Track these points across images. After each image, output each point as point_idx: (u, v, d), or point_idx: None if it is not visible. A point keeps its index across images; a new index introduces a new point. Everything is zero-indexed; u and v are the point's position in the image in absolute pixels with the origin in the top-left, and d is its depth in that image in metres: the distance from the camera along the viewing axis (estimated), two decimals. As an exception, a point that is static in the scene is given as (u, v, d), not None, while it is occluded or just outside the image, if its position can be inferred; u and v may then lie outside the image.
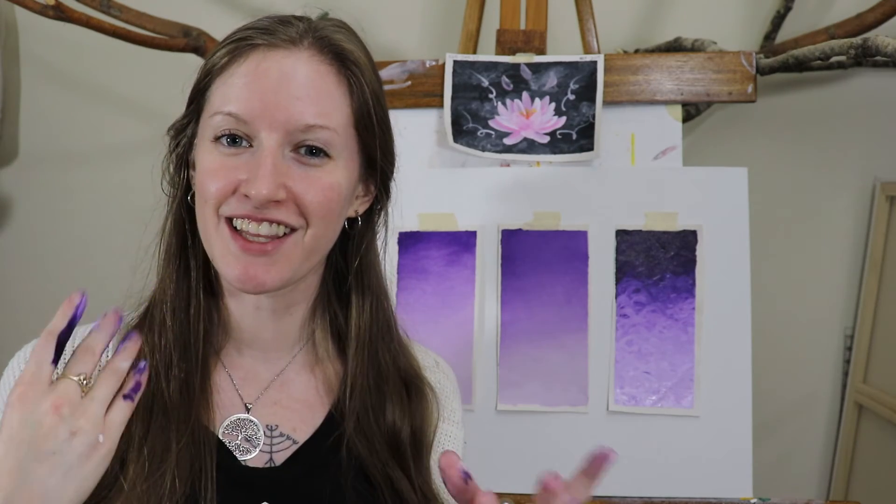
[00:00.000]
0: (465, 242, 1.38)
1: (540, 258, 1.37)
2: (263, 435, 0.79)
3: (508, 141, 1.40)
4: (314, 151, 0.74)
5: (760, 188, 1.55)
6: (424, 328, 1.33)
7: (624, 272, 1.36)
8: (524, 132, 1.40)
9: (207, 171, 0.74)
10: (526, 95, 1.39)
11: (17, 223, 1.89)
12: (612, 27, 1.66)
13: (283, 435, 0.80)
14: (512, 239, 1.38)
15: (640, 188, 1.37)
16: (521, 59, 1.40)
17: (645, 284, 1.36)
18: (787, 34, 1.68)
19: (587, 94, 1.38)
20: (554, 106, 1.39)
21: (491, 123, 1.40)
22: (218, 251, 0.75)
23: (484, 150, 1.39)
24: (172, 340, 0.78)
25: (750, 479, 1.31)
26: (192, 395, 0.76)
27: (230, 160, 0.73)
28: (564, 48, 1.66)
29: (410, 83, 1.41)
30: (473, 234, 1.38)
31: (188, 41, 1.55)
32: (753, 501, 1.29)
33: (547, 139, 1.39)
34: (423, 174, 1.40)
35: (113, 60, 1.78)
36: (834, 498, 1.75)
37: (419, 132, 1.41)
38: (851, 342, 1.76)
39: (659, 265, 1.36)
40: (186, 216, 0.80)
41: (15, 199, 1.88)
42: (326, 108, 0.74)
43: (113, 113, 1.83)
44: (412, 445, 0.82)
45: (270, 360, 0.83)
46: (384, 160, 0.81)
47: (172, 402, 0.75)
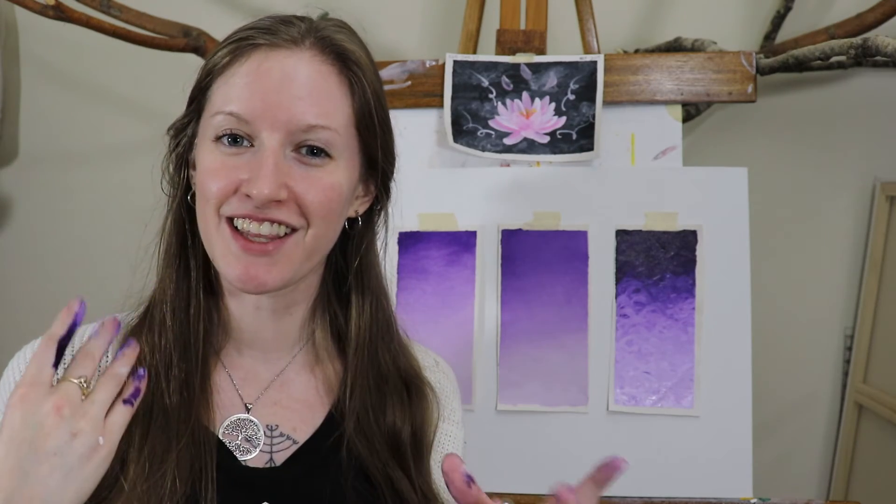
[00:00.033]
0: (465, 242, 1.38)
1: (540, 258, 1.37)
2: (263, 435, 0.79)
3: (508, 141, 1.40)
4: (315, 151, 0.74)
5: (760, 188, 1.55)
6: (424, 328, 1.33)
7: (624, 272, 1.36)
8: (524, 132, 1.40)
9: (208, 170, 0.74)
10: (526, 95, 1.39)
11: (17, 223, 1.89)
12: (612, 27, 1.66)
13: (283, 435, 0.80)
14: (512, 239, 1.38)
15: (640, 188, 1.37)
16: (521, 59, 1.40)
17: (645, 284, 1.36)
18: (787, 34, 1.68)
19: (587, 94, 1.38)
20: (554, 106, 1.39)
21: (491, 123, 1.40)
22: (219, 251, 0.75)
23: (484, 150, 1.39)
24: (172, 340, 0.78)
25: (750, 479, 1.30)
26: (192, 395, 0.76)
27: (231, 160, 0.73)
28: (564, 48, 1.66)
29: (410, 83, 1.41)
30: (473, 234, 1.38)
31: (188, 41, 1.55)
32: (753, 501, 1.29)
33: (547, 139, 1.39)
34: (423, 174, 1.40)
35: (113, 60, 1.78)
36: (834, 498, 1.75)
37: (419, 132, 1.41)
38: (851, 342, 1.76)
39: (659, 265, 1.36)
40: (186, 216, 0.80)
41: (15, 199, 1.88)
42: (328, 108, 0.74)
43: (113, 113, 1.83)
44: (412, 445, 0.82)
45: (270, 360, 0.83)
46: (385, 160, 0.81)
47: (172, 402, 0.75)
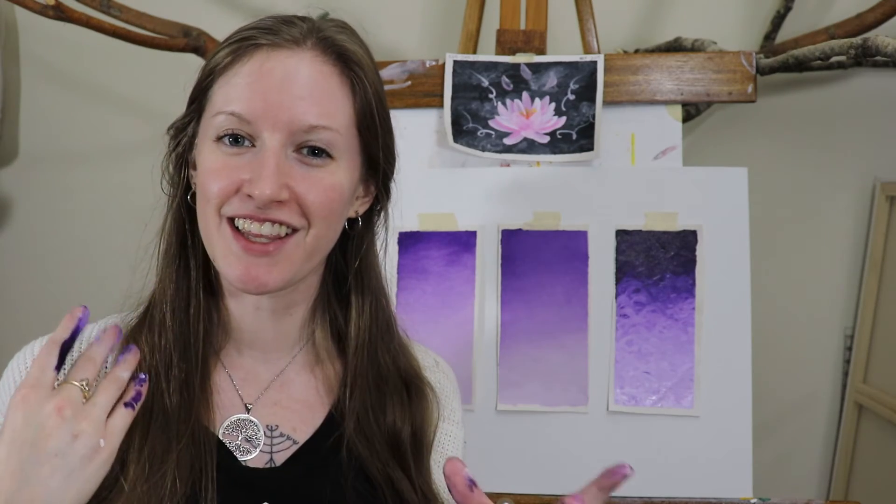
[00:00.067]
0: (465, 242, 1.38)
1: (540, 258, 1.37)
2: (264, 435, 0.79)
3: (508, 141, 1.40)
4: (316, 152, 0.74)
5: (760, 188, 1.55)
6: (424, 328, 1.33)
7: (624, 272, 1.36)
8: (524, 132, 1.39)
9: (210, 170, 0.74)
10: (526, 95, 1.39)
11: (17, 223, 1.89)
12: (612, 27, 1.66)
13: (283, 435, 0.80)
14: (512, 239, 1.38)
15: (640, 188, 1.37)
16: (521, 59, 1.40)
17: (645, 284, 1.36)
18: (787, 34, 1.68)
19: (587, 94, 1.38)
20: (554, 106, 1.39)
21: (491, 123, 1.40)
22: (219, 252, 0.75)
23: (484, 150, 1.39)
24: (172, 340, 0.78)
25: (750, 479, 1.30)
26: (192, 395, 0.76)
27: (233, 160, 0.73)
28: (564, 48, 1.66)
29: (410, 83, 1.41)
30: (473, 234, 1.38)
31: (188, 41, 1.55)
32: (753, 501, 1.29)
33: (547, 139, 1.39)
34: (423, 174, 1.40)
35: (113, 60, 1.78)
36: (834, 498, 1.75)
37: (419, 132, 1.41)
38: (851, 342, 1.76)
39: (659, 265, 1.36)
40: (186, 216, 0.80)
41: (15, 199, 1.88)
42: (329, 108, 0.74)
43: (113, 113, 1.83)
44: (412, 445, 0.82)
45: (270, 360, 0.83)
46: (385, 161, 0.81)
47: (172, 402, 0.75)
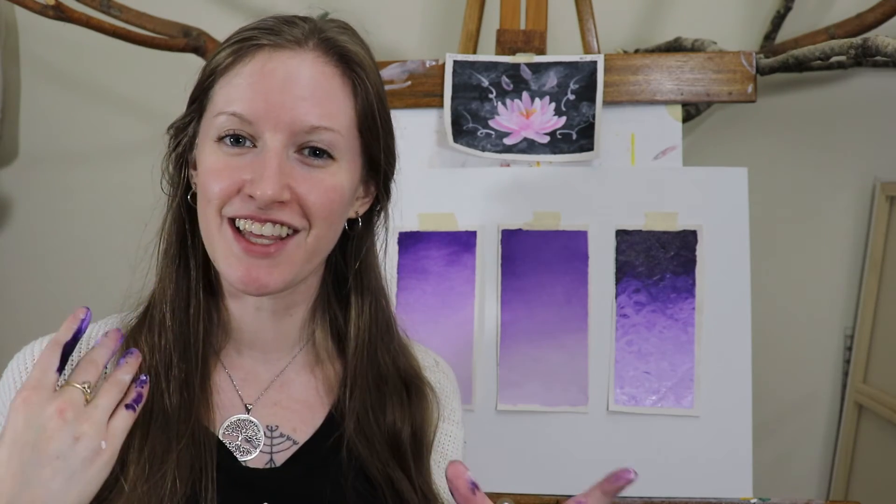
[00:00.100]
0: (465, 242, 1.38)
1: (540, 258, 1.37)
2: (264, 436, 0.79)
3: (508, 141, 1.40)
4: (318, 153, 0.74)
5: (760, 188, 1.55)
6: (424, 328, 1.33)
7: (624, 272, 1.36)
8: (524, 132, 1.39)
9: (211, 171, 0.74)
10: (526, 95, 1.39)
11: (17, 223, 1.88)
12: (612, 27, 1.66)
13: (283, 435, 0.80)
14: (512, 239, 1.38)
15: (640, 188, 1.37)
16: (521, 59, 1.40)
17: (645, 284, 1.36)
18: (787, 34, 1.68)
19: (587, 94, 1.38)
20: (554, 106, 1.39)
21: (491, 123, 1.40)
22: (220, 253, 0.75)
23: (484, 150, 1.39)
24: (172, 340, 0.78)
25: (750, 479, 1.30)
26: (192, 395, 0.76)
27: (234, 160, 0.73)
28: (564, 48, 1.66)
29: (410, 83, 1.41)
30: (473, 234, 1.38)
31: (188, 41, 1.55)
32: (753, 501, 1.29)
33: (547, 139, 1.39)
34: (423, 174, 1.40)
35: (113, 60, 1.78)
36: (834, 498, 1.75)
37: (419, 132, 1.41)
38: (851, 342, 1.76)
39: (659, 265, 1.36)
40: (186, 216, 0.80)
41: (15, 199, 1.88)
42: (331, 109, 0.74)
43: (113, 113, 1.83)
44: (412, 445, 0.83)
45: (270, 360, 0.83)
46: (386, 162, 0.81)
47: (172, 402, 0.75)
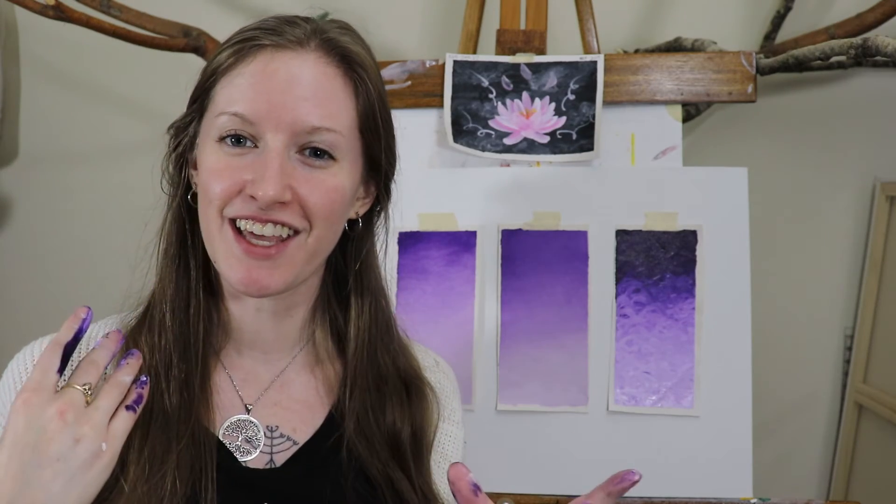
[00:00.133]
0: (465, 242, 1.38)
1: (540, 258, 1.37)
2: (264, 436, 0.79)
3: (508, 141, 1.39)
4: (319, 153, 0.74)
5: (760, 188, 1.55)
6: (424, 328, 1.33)
7: (624, 272, 1.36)
8: (524, 132, 1.39)
9: (212, 171, 0.74)
10: (526, 95, 1.39)
11: (17, 223, 1.88)
12: (612, 27, 1.66)
13: (283, 436, 0.80)
14: (512, 239, 1.38)
15: (640, 188, 1.37)
16: (521, 59, 1.40)
17: (645, 284, 1.36)
18: (787, 34, 1.68)
19: (587, 94, 1.38)
20: (554, 106, 1.39)
21: (491, 123, 1.40)
22: (221, 254, 0.75)
23: (484, 150, 1.39)
24: (172, 341, 0.78)
25: (750, 479, 1.30)
26: (192, 395, 0.76)
27: (235, 160, 0.73)
28: (564, 48, 1.66)
29: (410, 83, 1.41)
30: (473, 234, 1.38)
31: (188, 41, 1.55)
32: (753, 501, 1.29)
33: (547, 139, 1.39)
34: (423, 174, 1.40)
35: (113, 60, 1.78)
36: (834, 498, 1.75)
37: (419, 132, 1.41)
38: (851, 342, 1.76)
39: (659, 265, 1.36)
40: (186, 215, 0.79)
41: (15, 199, 1.88)
42: (332, 110, 0.74)
43: (113, 113, 1.83)
44: (412, 446, 0.83)
45: (271, 360, 0.83)
46: (387, 162, 0.81)
47: (172, 403, 0.75)
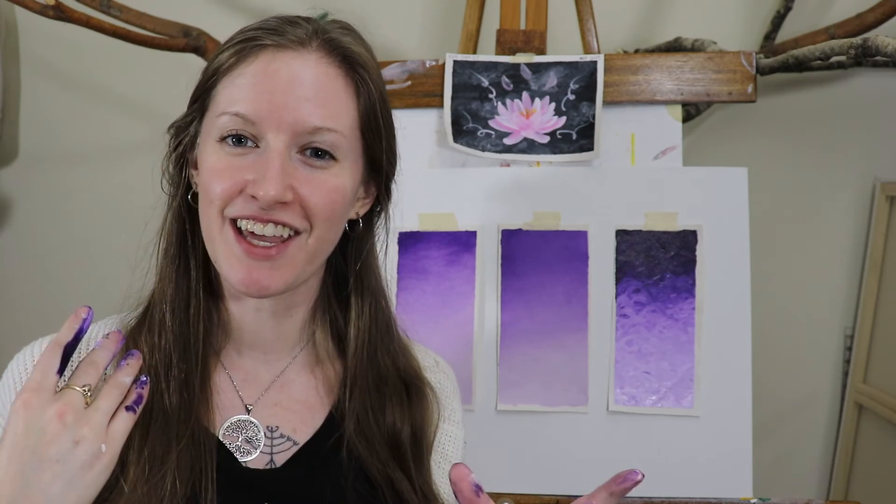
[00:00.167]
0: (465, 242, 1.38)
1: (540, 258, 1.37)
2: (264, 436, 0.79)
3: (508, 141, 1.39)
4: (320, 154, 0.74)
5: (760, 188, 1.55)
6: (424, 328, 1.33)
7: (624, 272, 1.36)
8: (524, 132, 1.39)
9: (213, 171, 0.74)
10: (526, 95, 1.39)
11: (17, 223, 1.88)
12: (612, 27, 1.66)
13: (283, 436, 0.80)
14: (512, 239, 1.38)
15: (640, 188, 1.37)
16: (521, 59, 1.40)
17: (645, 284, 1.36)
18: (787, 34, 1.68)
19: (587, 94, 1.38)
20: (554, 106, 1.39)
21: (491, 123, 1.40)
22: (222, 254, 0.75)
23: (484, 150, 1.39)
24: (172, 341, 0.78)
25: (750, 479, 1.30)
26: (191, 396, 0.76)
27: (236, 160, 0.73)
28: (564, 48, 1.66)
29: (410, 83, 1.41)
30: (473, 234, 1.38)
31: (188, 41, 1.55)
32: (753, 501, 1.29)
33: (547, 139, 1.39)
34: (423, 174, 1.40)
35: (113, 60, 1.78)
36: (834, 498, 1.75)
37: (419, 132, 1.41)
38: (851, 342, 1.76)
39: (659, 265, 1.36)
40: (186, 215, 0.79)
41: (15, 199, 1.88)
42: (334, 110, 0.74)
43: (113, 113, 1.83)
44: (412, 446, 0.82)
45: (271, 361, 0.83)
46: (388, 163, 0.81)
47: (172, 403, 0.75)
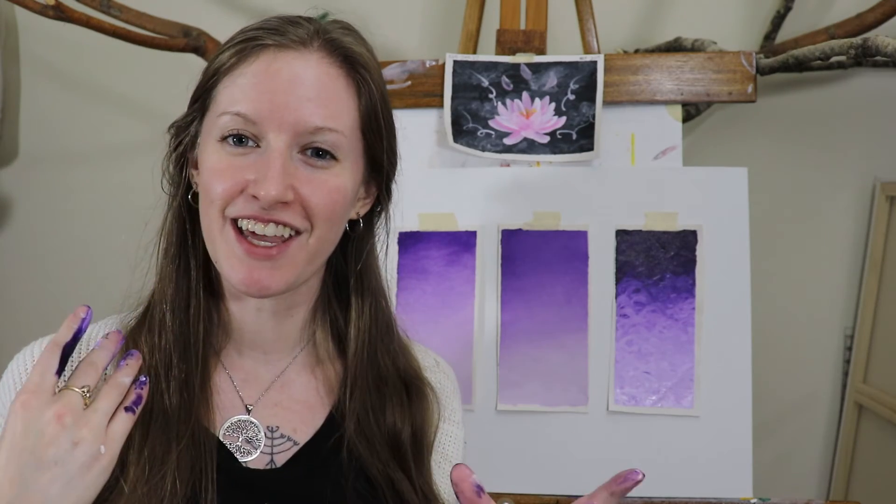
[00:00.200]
0: (465, 242, 1.38)
1: (540, 258, 1.37)
2: (264, 436, 0.79)
3: (508, 141, 1.40)
4: (321, 153, 0.74)
5: (760, 188, 1.55)
6: (424, 328, 1.33)
7: (624, 272, 1.36)
8: (524, 132, 1.39)
9: (214, 170, 0.74)
10: (526, 95, 1.39)
11: (17, 223, 1.88)
12: (612, 27, 1.66)
13: (283, 436, 0.80)
14: (512, 239, 1.38)
15: (640, 188, 1.37)
16: (521, 59, 1.40)
17: (645, 284, 1.36)
18: (787, 34, 1.68)
19: (587, 94, 1.38)
20: (554, 106, 1.39)
21: (491, 123, 1.40)
22: (222, 254, 0.75)
23: (484, 150, 1.39)
24: (172, 341, 0.78)
25: (750, 479, 1.30)
26: (192, 396, 0.76)
27: (237, 160, 0.73)
28: (564, 48, 1.66)
29: (410, 83, 1.41)
30: (473, 234, 1.38)
31: (188, 41, 1.55)
32: (753, 501, 1.29)
33: (547, 139, 1.39)
34: (423, 174, 1.40)
35: (113, 60, 1.78)
36: (834, 498, 1.75)
37: (419, 132, 1.41)
38: (851, 342, 1.76)
39: (659, 265, 1.36)
40: (187, 215, 0.79)
41: (15, 199, 1.88)
42: (335, 110, 0.74)
43: (113, 113, 1.83)
44: (413, 446, 0.82)
45: (271, 361, 0.83)
46: (389, 163, 0.81)
47: (172, 403, 0.75)
